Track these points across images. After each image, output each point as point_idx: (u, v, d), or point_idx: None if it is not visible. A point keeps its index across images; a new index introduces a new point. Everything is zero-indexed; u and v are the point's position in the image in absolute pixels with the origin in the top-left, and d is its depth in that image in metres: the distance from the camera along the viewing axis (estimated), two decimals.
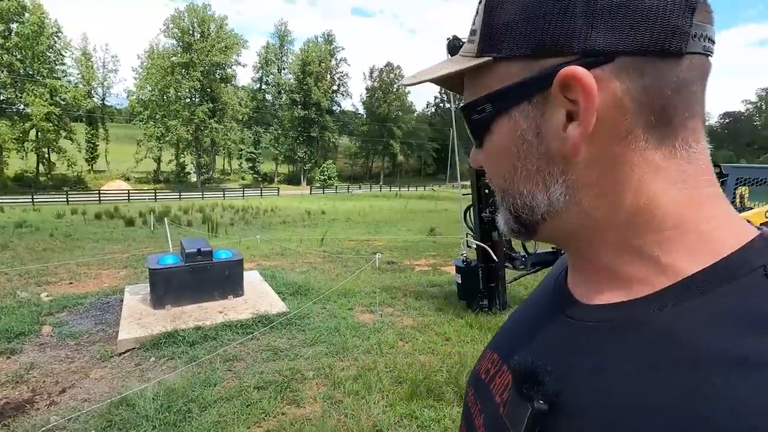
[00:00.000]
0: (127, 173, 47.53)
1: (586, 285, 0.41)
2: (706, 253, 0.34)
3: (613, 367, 0.34)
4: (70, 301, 5.64)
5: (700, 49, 0.33)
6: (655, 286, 0.35)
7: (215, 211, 22.28)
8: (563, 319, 0.42)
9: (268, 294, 5.63)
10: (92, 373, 3.79)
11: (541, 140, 0.37)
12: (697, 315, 0.31)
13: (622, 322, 0.35)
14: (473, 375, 0.53)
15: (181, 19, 45.64)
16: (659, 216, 0.35)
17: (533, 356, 0.40)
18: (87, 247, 10.78)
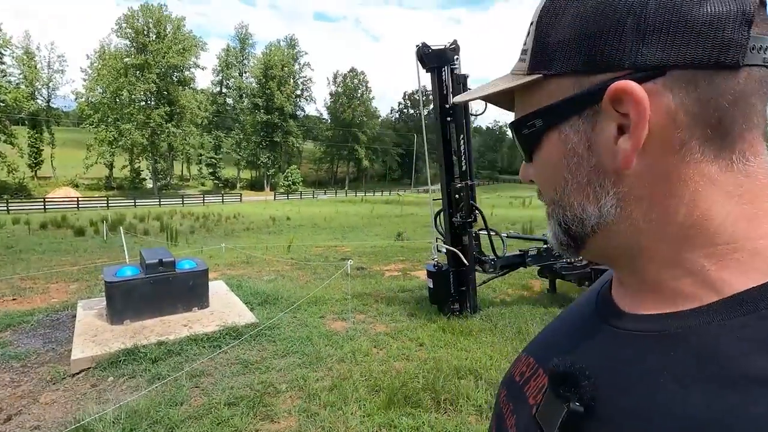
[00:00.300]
0: (76, 180, 44.68)
1: (632, 297, 0.41)
2: (761, 272, 0.33)
3: (654, 377, 0.33)
4: (14, 319, 5.19)
5: (759, 61, 0.32)
6: (703, 301, 0.34)
7: (174, 218, 21.35)
8: (606, 328, 0.42)
9: (236, 304, 5.42)
10: (42, 397, 3.49)
11: (591, 153, 0.37)
12: (746, 333, 0.31)
13: (668, 334, 0.35)
14: (507, 378, 0.53)
15: (135, 19, 43.71)
16: (712, 230, 0.34)
17: (572, 360, 0.39)
18: (32, 259, 10.02)
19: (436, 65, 5.12)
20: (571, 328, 0.49)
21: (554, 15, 0.38)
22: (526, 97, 0.41)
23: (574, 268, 5.78)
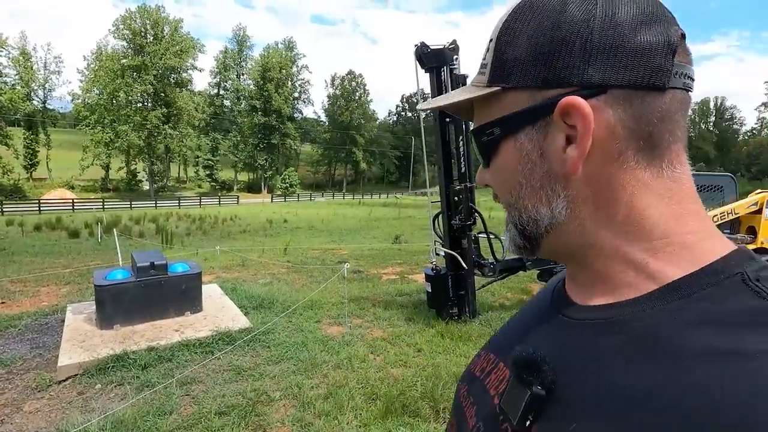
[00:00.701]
0: (72, 181, 44.37)
1: (583, 290, 0.45)
2: (689, 262, 0.37)
3: (604, 360, 0.37)
4: (2, 323, 5.05)
5: (680, 84, 0.38)
6: (644, 290, 0.38)
7: (170, 220, 21.19)
8: (561, 319, 0.46)
9: (230, 309, 5.30)
10: (26, 405, 3.36)
11: (543, 160, 0.41)
12: (681, 314, 0.35)
13: (615, 321, 0.39)
14: (467, 373, 0.56)
15: (133, 20, 43.58)
16: (648, 227, 0.39)
17: (533, 348, 0.42)
18: (24, 261, 9.86)
19: (435, 65, 5.03)
20: (530, 322, 0.52)
21: (512, 34, 0.41)
22: (485, 108, 0.45)
23: None
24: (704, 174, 6.97)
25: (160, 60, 43.08)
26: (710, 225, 0.40)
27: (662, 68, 0.37)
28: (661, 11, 0.38)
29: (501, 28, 0.43)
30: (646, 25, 0.37)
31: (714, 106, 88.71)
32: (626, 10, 0.37)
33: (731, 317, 0.33)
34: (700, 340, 0.32)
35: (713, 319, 0.33)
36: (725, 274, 0.36)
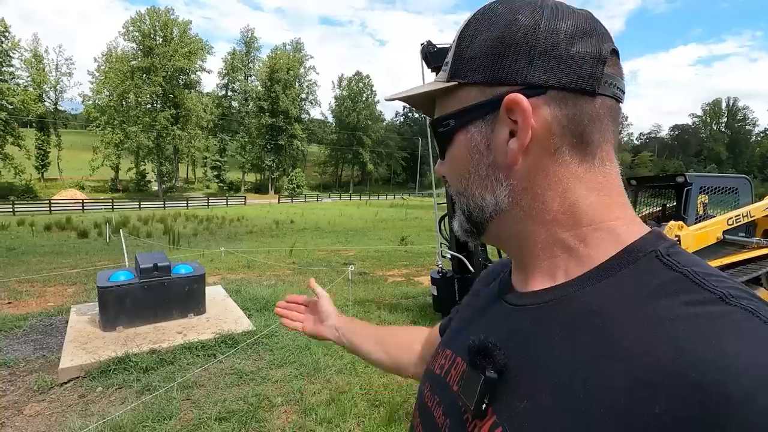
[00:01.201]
0: (82, 182, 44.91)
1: (524, 276, 0.49)
2: (614, 244, 0.43)
3: (548, 339, 0.41)
4: (7, 323, 5.05)
5: (610, 93, 0.43)
6: (576, 273, 0.43)
7: (177, 221, 21.30)
8: (507, 307, 0.50)
9: (233, 311, 5.26)
10: (27, 408, 3.33)
11: (490, 151, 0.45)
12: (610, 290, 0.40)
13: (554, 302, 0.43)
14: (427, 372, 0.59)
15: (142, 22, 44.00)
16: (579, 216, 0.44)
17: (484, 336, 0.45)
18: (32, 261, 9.93)
19: (441, 64, 4.94)
20: (481, 313, 0.56)
21: (470, 36, 0.45)
22: (444, 101, 0.49)
23: None
24: (719, 176, 6.79)
25: (169, 62, 43.43)
26: (632, 213, 0.46)
27: (593, 76, 0.42)
28: (598, 28, 0.43)
29: (462, 29, 0.47)
30: (582, 37, 0.42)
31: (726, 106, 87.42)
32: (566, 23, 0.42)
33: (649, 288, 0.38)
34: (627, 311, 0.37)
35: (635, 291, 0.38)
36: (642, 252, 0.41)
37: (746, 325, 0.32)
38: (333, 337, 0.94)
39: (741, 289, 0.36)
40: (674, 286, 0.37)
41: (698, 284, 0.36)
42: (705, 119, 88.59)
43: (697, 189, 5.97)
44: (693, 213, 5.94)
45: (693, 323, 0.33)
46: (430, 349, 0.77)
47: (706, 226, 5.75)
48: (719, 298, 0.34)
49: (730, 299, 0.34)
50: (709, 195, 6.31)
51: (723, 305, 0.34)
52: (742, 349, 0.30)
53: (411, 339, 0.86)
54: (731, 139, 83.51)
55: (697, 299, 0.35)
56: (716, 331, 0.32)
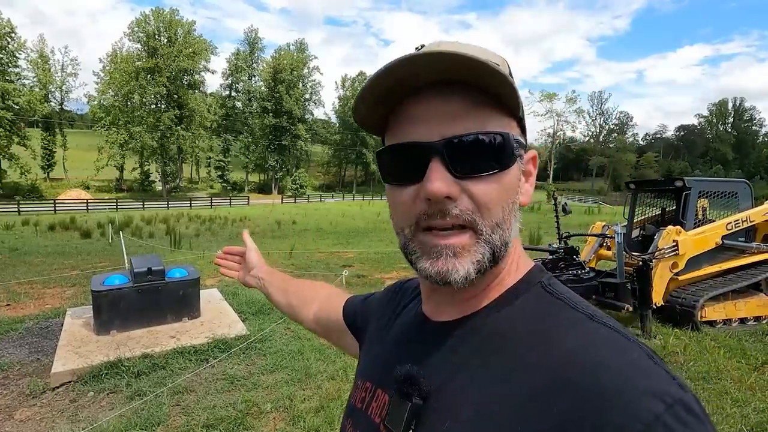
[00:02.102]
0: (87, 182, 45.22)
1: (438, 307, 0.54)
2: (514, 277, 0.51)
3: (464, 362, 0.47)
4: (3, 326, 5.08)
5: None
6: (483, 302, 0.50)
7: (180, 221, 21.40)
8: (424, 337, 0.54)
9: (228, 314, 5.26)
10: (18, 413, 3.35)
11: (518, 188, 0.49)
12: (511, 316, 0.48)
13: (467, 331, 0.49)
14: (348, 407, 0.60)
15: (147, 23, 44.22)
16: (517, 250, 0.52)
17: (409, 366, 0.48)
18: (34, 262, 10.00)
19: None
20: (399, 346, 0.58)
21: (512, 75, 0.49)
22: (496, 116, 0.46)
23: (580, 281, 5.52)
24: (718, 180, 6.73)
25: (173, 62, 43.63)
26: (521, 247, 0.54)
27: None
28: None
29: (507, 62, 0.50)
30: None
31: (732, 107, 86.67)
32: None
33: (539, 312, 0.46)
34: (525, 332, 0.45)
35: (530, 315, 0.47)
36: (531, 283, 0.50)
37: (609, 336, 0.42)
38: (256, 285, 1.04)
39: (600, 311, 0.46)
40: (556, 310, 0.46)
41: (572, 308, 0.46)
42: (711, 120, 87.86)
43: (696, 193, 5.92)
44: (692, 217, 5.89)
45: (572, 337, 0.42)
46: (326, 313, 0.88)
47: (705, 230, 5.70)
48: (588, 317, 0.44)
49: (595, 318, 0.44)
50: (708, 199, 6.26)
51: (591, 323, 0.43)
52: (607, 353, 0.40)
53: (312, 297, 0.95)
54: (737, 139, 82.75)
55: (573, 318, 0.44)
56: (589, 343, 0.41)
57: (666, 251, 5.32)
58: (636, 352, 0.40)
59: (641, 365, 0.39)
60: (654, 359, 0.40)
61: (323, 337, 0.93)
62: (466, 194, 0.44)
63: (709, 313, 5.41)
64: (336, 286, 1.03)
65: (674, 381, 0.38)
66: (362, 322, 0.76)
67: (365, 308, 0.78)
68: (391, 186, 0.49)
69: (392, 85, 0.43)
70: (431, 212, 0.44)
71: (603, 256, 6.67)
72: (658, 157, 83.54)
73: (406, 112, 0.46)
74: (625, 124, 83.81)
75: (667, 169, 77.08)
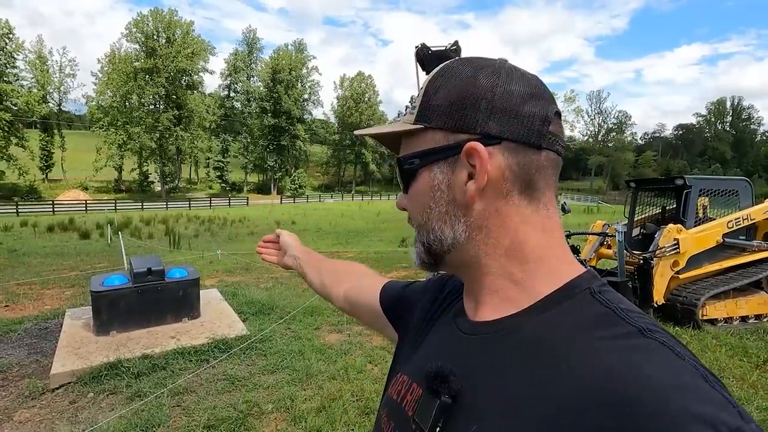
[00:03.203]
0: (86, 182, 45.13)
1: (474, 305, 0.54)
2: (555, 280, 0.49)
3: (498, 366, 0.46)
4: (2, 327, 5.05)
5: (553, 148, 0.50)
6: (523, 305, 0.49)
7: (179, 222, 21.37)
8: (461, 335, 0.54)
9: (228, 315, 5.24)
10: (17, 414, 3.32)
11: (450, 190, 0.51)
12: (552, 321, 0.46)
13: (503, 332, 0.48)
14: (385, 398, 0.61)
15: (145, 24, 44.15)
16: (526, 252, 0.50)
17: (442, 362, 0.49)
18: (33, 263, 9.96)
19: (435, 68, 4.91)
20: (435, 336, 0.61)
21: (437, 87, 0.51)
22: (410, 141, 0.54)
23: None
24: (719, 178, 6.72)
25: (171, 63, 43.59)
26: (570, 253, 0.52)
27: (540, 132, 0.48)
28: (545, 93, 0.50)
29: (429, 80, 0.53)
30: (531, 99, 0.48)
31: (731, 105, 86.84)
32: (520, 86, 0.48)
33: (585, 321, 0.44)
34: (566, 340, 0.43)
35: (573, 322, 0.44)
36: (579, 289, 0.47)
37: (659, 353, 0.39)
38: (294, 265, 1.09)
39: (655, 324, 0.43)
40: (604, 320, 0.44)
41: (623, 319, 0.43)
42: (709, 118, 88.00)
43: (697, 192, 5.91)
44: (692, 216, 5.88)
45: (619, 351, 0.40)
46: (356, 292, 0.91)
47: (705, 229, 5.69)
48: (639, 331, 0.41)
49: (648, 333, 0.41)
50: (709, 197, 6.25)
51: (642, 338, 0.41)
52: (655, 371, 0.37)
53: (345, 276, 0.99)
54: (736, 138, 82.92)
55: (622, 332, 0.42)
56: (636, 358, 0.39)
57: (667, 249, 5.31)
58: (689, 374, 0.37)
59: (694, 387, 0.36)
60: (711, 382, 0.37)
61: (352, 315, 0.94)
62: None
63: (710, 312, 5.41)
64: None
65: (734, 408, 0.34)
66: (403, 311, 0.76)
67: (407, 295, 0.78)
68: None
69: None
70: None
71: (604, 254, 6.66)
72: (656, 156, 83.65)
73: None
74: (623, 124, 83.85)
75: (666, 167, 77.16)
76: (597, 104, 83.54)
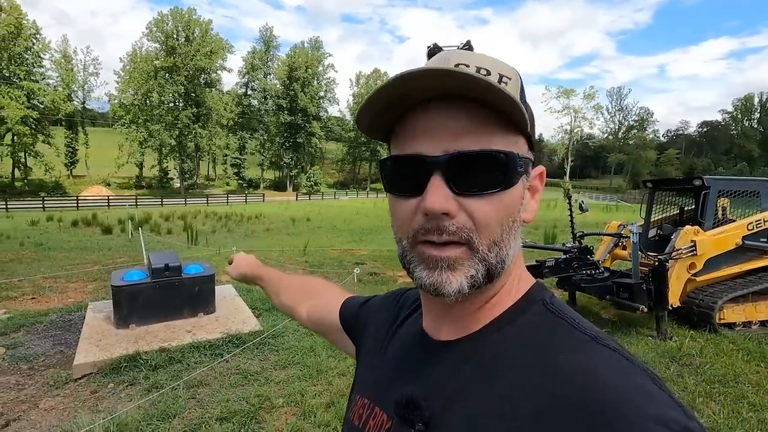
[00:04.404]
0: (108, 179, 46.40)
1: (440, 325, 0.52)
2: (516, 294, 0.50)
3: (465, 384, 0.46)
4: (29, 318, 5.29)
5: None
6: (484, 321, 0.49)
7: (197, 218, 21.79)
8: (424, 356, 0.53)
9: (242, 311, 5.37)
10: (42, 402, 3.49)
11: (522, 205, 0.48)
12: (512, 337, 0.47)
13: (467, 351, 0.48)
14: (346, 424, 0.60)
15: (165, 23, 45.00)
16: (515, 270, 0.51)
17: (410, 388, 0.49)
18: (58, 257, 10.33)
19: None
20: (399, 363, 0.57)
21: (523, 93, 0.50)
22: (508, 134, 0.45)
23: (594, 281, 5.46)
24: (739, 179, 6.54)
25: (190, 61, 44.35)
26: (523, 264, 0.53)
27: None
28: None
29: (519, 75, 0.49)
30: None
31: (759, 102, 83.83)
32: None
33: (541, 332, 0.46)
34: (528, 353, 0.44)
35: (532, 337, 0.46)
36: (533, 301, 0.50)
37: (611, 358, 0.41)
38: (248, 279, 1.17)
39: (603, 333, 0.45)
40: (559, 330, 0.46)
41: (575, 328, 0.45)
42: (736, 115, 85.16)
43: (716, 193, 5.78)
44: (711, 217, 5.75)
45: (575, 358, 0.42)
46: (319, 311, 0.88)
47: (724, 231, 5.56)
48: (591, 339, 0.44)
49: (599, 340, 0.43)
50: (729, 198, 6.10)
51: (595, 344, 0.43)
52: (610, 375, 0.39)
53: (306, 294, 0.96)
54: (764, 136, 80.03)
55: (576, 339, 0.44)
56: (592, 364, 0.41)
57: (683, 251, 5.22)
58: (640, 377, 0.39)
59: (646, 390, 0.38)
60: (659, 384, 0.39)
61: (317, 332, 0.92)
62: (464, 211, 0.44)
63: (727, 315, 5.29)
64: (334, 283, 1.03)
65: (680, 408, 0.37)
66: (359, 327, 0.74)
67: (363, 313, 0.76)
68: (392, 196, 0.48)
69: (400, 95, 0.43)
70: (429, 227, 0.44)
71: (618, 255, 6.56)
72: (679, 154, 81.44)
73: (411, 123, 0.45)
74: (645, 121, 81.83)
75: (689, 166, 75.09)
76: (617, 101, 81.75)
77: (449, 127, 0.43)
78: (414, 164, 0.44)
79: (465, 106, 0.43)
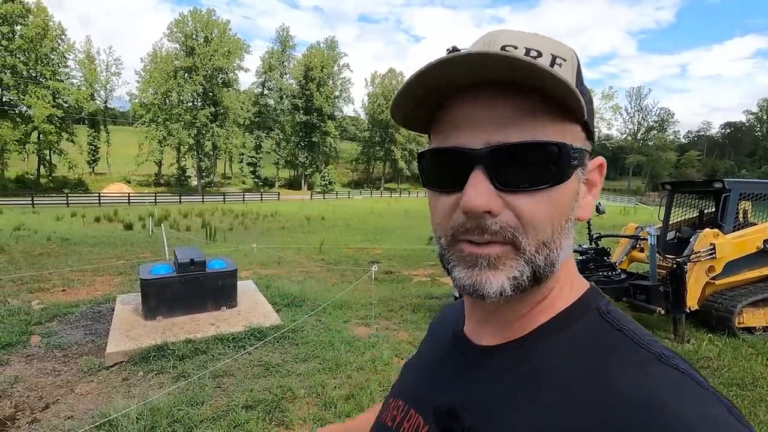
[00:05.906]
0: (128, 176, 47.51)
1: (480, 329, 0.49)
2: (567, 299, 0.46)
3: (509, 393, 0.43)
4: (61, 309, 5.54)
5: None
6: (530, 327, 0.45)
7: (215, 215, 22.22)
8: (465, 361, 0.49)
9: (263, 305, 5.53)
10: (78, 387, 3.69)
11: (576, 202, 0.43)
12: (562, 346, 0.43)
13: (512, 358, 0.44)
14: (377, 424, 0.57)
15: (185, 24, 45.84)
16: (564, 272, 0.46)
17: (450, 396, 0.46)
18: (83, 251, 10.70)
19: None
20: (435, 365, 0.55)
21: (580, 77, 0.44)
22: (562, 122, 0.41)
23: (610, 282, 5.47)
24: (761, 182, 6.45)
25: (209, 61, 45.07)
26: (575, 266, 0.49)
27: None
28: None
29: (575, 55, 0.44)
30: None
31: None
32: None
33: (597, 344, 0.42)
34: (579, 366, 0.40)
35: (585, 346, 0.42)
36: (586, 309, 0.45)
37: (683, 384, 0.36)
38: None
39: (670, 350, 0.40)
40: (617, 344, 0.41)
41: (636, 342, 0.40)
42: (761, 116, 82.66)
43: (737, 195, 5.72)
44: (731, 220, 5.70)
45: (636, 378, 0.37)
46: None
47: (745, 234, 5.51)
48: (656, 357, 0.38)
49: (665, 359, 0.38)
50: (751, 201, 6.02)
51: (660, 364, 0.38)
52: (678, 404, 0.34)
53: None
54: None
55: (638, 357, 0.39)
56: (659, 389, 0.35)
57: (702, 254, 5.19)
58: (715, 406, 0.34)
59: (722, 424, 0.33)
60: (736, 415, 0.35)
61: None
62: (509, 209, 0.39)
63: (747, 320, 5.25)
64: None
65: None
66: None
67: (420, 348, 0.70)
68: (431, 191, 0.45)
69: (439, 83, 0.40)
70: (469, 226, 0.40)
71: (636, 258, 6.54)
72: (701, 156, 79.51)
73: (452, 113, 0.41)
74: (665, 121, 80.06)
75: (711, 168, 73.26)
76: (637, 101, 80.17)
77: (491, 116, 0.39)
78: (453, 158, 0.41)
79: (510, 93, 0.38)
